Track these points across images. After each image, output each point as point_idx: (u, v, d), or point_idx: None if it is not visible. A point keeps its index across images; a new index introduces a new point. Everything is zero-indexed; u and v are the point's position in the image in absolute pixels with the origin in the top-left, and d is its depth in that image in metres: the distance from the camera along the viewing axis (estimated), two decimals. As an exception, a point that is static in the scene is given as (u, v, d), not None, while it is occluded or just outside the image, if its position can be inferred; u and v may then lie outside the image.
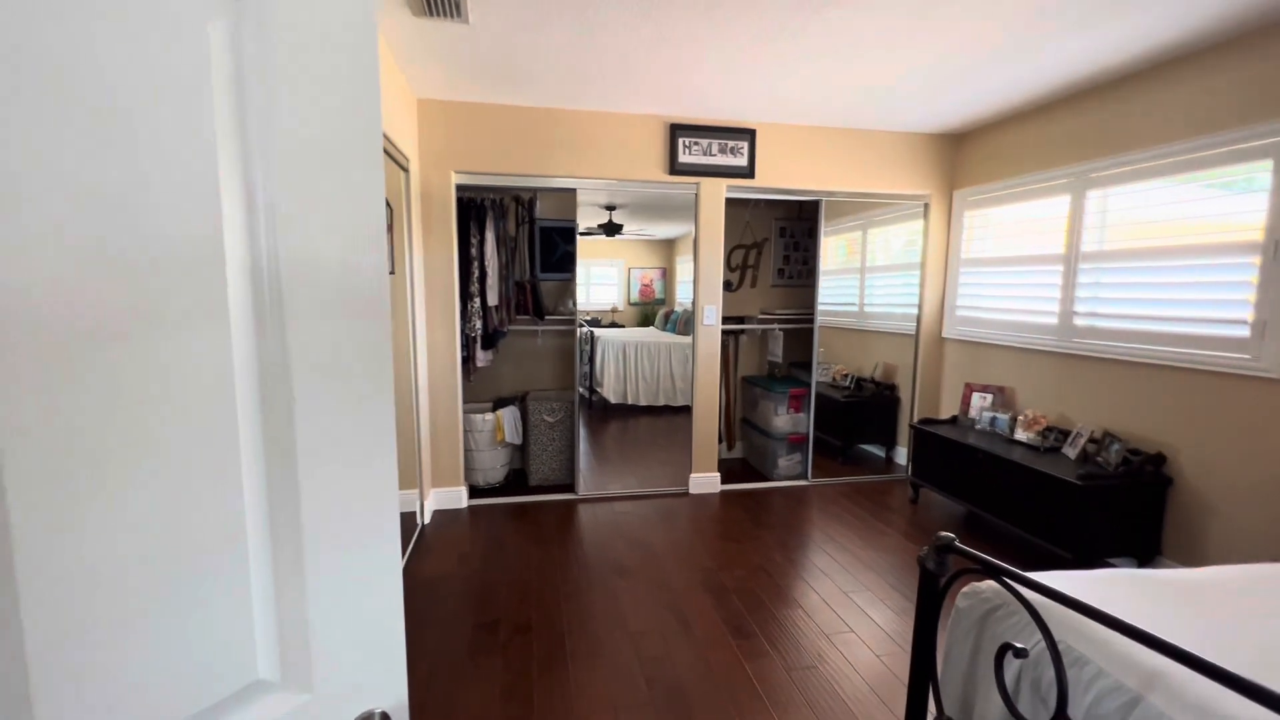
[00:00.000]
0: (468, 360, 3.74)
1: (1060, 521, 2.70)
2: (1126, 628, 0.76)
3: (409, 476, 3.14)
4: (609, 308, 5.67)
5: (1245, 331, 2.40)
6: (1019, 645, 0.90)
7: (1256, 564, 1.33)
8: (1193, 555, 2.60)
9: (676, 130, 3.54)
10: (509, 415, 3.81)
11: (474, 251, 3.63)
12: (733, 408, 4.60)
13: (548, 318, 4.17)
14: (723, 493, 3.91)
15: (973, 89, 3.05)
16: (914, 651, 1.16)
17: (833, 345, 4.71)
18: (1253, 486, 2.38)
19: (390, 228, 2.02)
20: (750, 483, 4.07)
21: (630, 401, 5.08)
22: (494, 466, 3.82)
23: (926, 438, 3.56)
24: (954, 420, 3.71)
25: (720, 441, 4.57)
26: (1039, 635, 0.96)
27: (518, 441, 3.88)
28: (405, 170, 2.99)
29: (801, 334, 4.24)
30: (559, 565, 2.87)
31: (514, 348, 4.20)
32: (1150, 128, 2.76)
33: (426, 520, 3.36)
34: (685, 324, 4.06)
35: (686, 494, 3.87)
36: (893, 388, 4.36)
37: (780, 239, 4.63)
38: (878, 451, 4.60)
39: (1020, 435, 3.24)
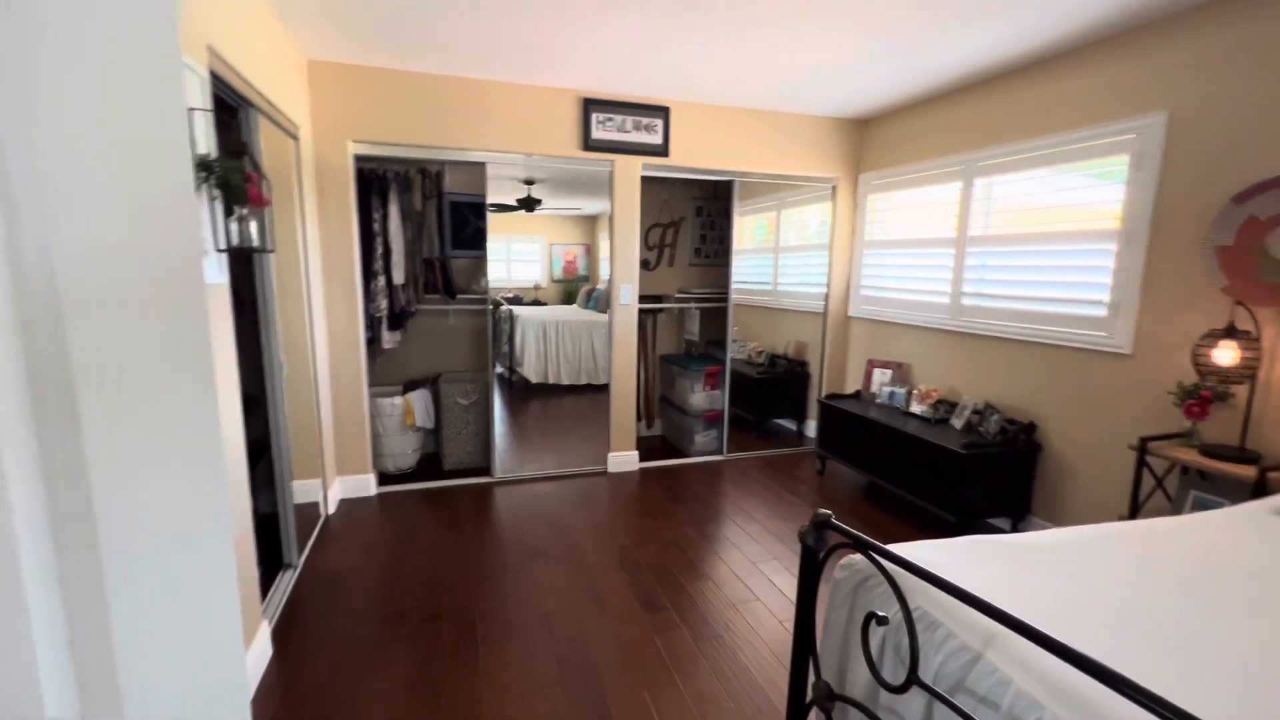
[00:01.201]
0: (373, 342, 3.57)
1: (947, 487, 2.91)
2: (963, 594, 0.83)
3: (310, 465, 2.98)
4: (532, 285, 5.56)
5: (1103, 311, 2.65)
6: (881, 614, 0.97)
7: (1101, 524, 1.48)
8: (1057, 512, 2.88)
9: (590, 105, 3.46)
10: (420, 398, 3.68)
11: (377, 227, 3.44)
12: (651, 386, 4.65)
13: (460, 296, 4.03)
14: (641, 470, 3.96)
15: (877, 77, 3.16)
16: (796, 623, 1.22)
17: (748, 323, 4.84)
18: (1105, 450, 2.66)
19: (262, 200, 1.86)
20: (668, 459, 4.14)
21: (552, 381, 5.03)
22: (405, 452, 3.69)
23: (832, 412, 3.74)
24: (857, 395, 3.91)
25: (639, 420, 4.61)
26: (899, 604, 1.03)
27: (430, 425, 3.76)
28: (294, 138, 2.77)
29: (717, 313, 4.32)
30: (473, 551, 2.82)
31: (424, 328, 4.04)
32: (1030, 120, 2.96)
33: (331, 510, 3.21)
34: (607, 302, 4.04)
35: (605, 473, 3.89)
36: (804, 364, 4.53)
37: (697, 218, 4.67)
38: (790, 425, 4.80)
39: (915, 408, 3.46)
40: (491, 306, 3.69)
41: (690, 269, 4.72)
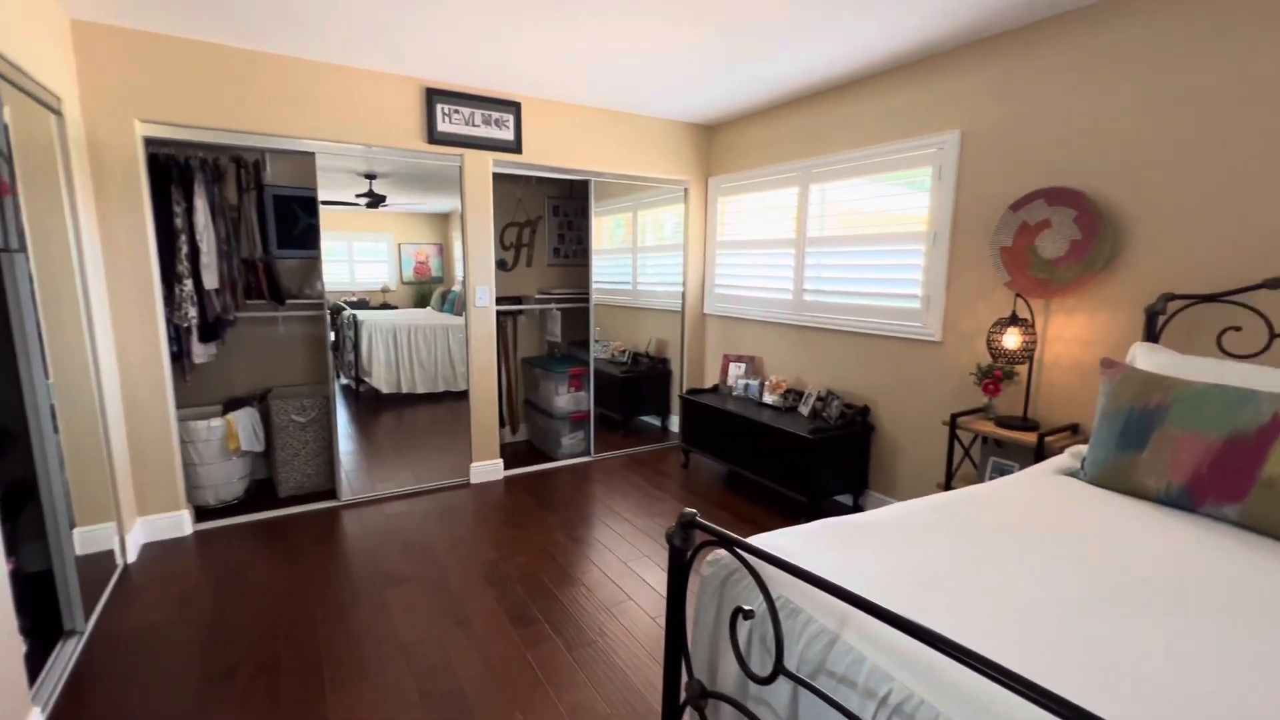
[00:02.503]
0: (181, 357, 3.06)
1: (797, 470, 3.13)
2: (817, 580, 0.87)
3: (99, 508, 2.48)
4: (379, 287, 5.12)
5: (917, 304, 3.00)
6: (746, 607, 0.99)
7: (927, 496, 1.65)
8: (890, 485, 3.22)
9: (434, 96, 3.25)
10: (245, 418, 3.23)
11: (180, 223, 2.95)
12: (514, 390, 4.50)
13: (290, 301, 3.60)
14: (506, 479, 3.82)
15: (722, 86, 3.31)
16: (668, 624, 1.22)
17: (610, 323, 4.86)
18: (924, 426, 3.02)
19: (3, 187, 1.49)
20: (535, 465, 4.03)
21: (405, 390, 4.68)
22: (229, 480, 3.21)
23: (692, 406, 3.87)
24: (716, 389, 4.09)
25: (503, 426, 4.45)
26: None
27: (259, 448, 3.31)
28: (55, 113, 2.28)
29: (579, 313, 4.28)
30: (316, 585, 2.52)
31: (248, 338, 3.56)
32: (854, 133, 3.27)
33: (131, 559, 2.70)
34: (464, 304, 3.83)
35: (468, 484, 3.70)
36: (665, 361, 4.65)
37: (554, 217, 4.59)
38: (655, 421, 4.90)
39: (768, 398, 3.68)
40: (330, 312, 3.34)
41: (549, 269, 4.64)
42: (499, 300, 4.09)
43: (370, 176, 4.01)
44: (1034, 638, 0.96)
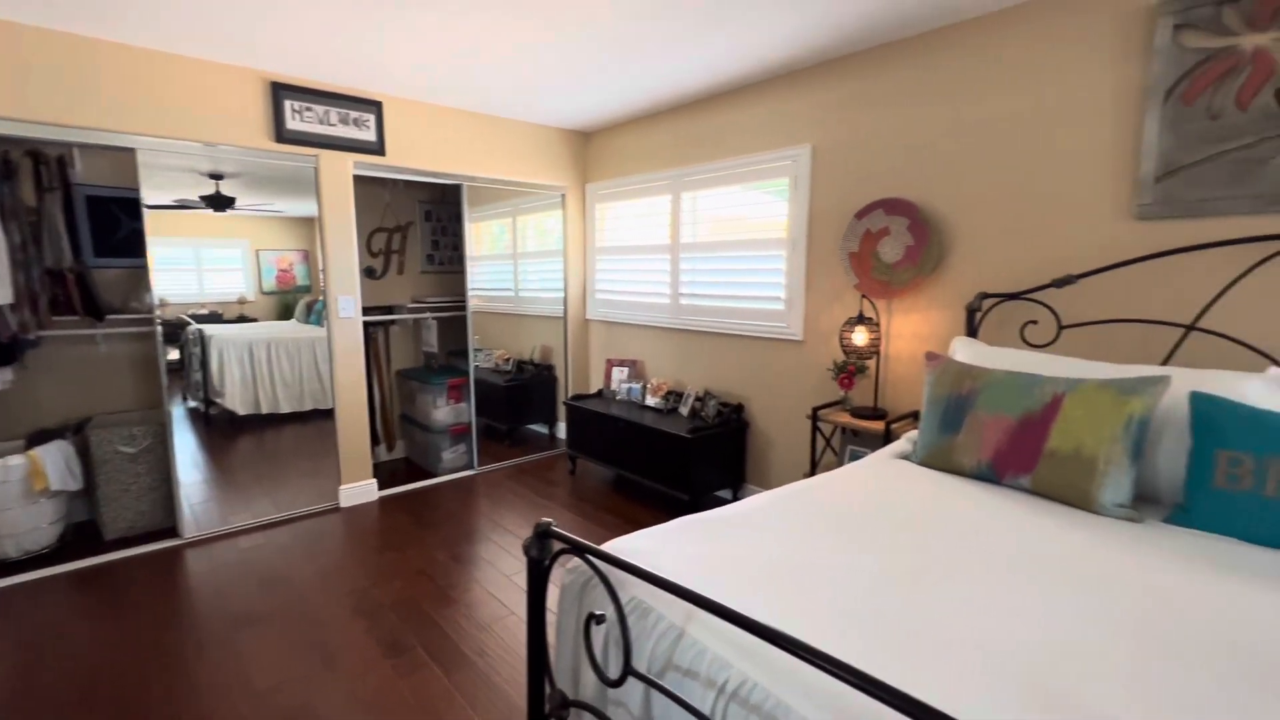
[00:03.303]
0: (-35, 385, 2.60)
1: (678, 469, 3.22)
2: (657, 579, 0.90)
3: None
4: (235, 298, 4.64)
5: (781, 306, 3.20)
6: (598, 613, 0.99)
7: (781, 487, 1.75)
8: (764, 478, 3.39)
9: (281, 91, 3.01)
10: (55, 453, 2.80)
11: (-43, 227, 2.50)
12: (389, 405, 4.26)
13: (112, 317, 3.17)
14: (382, 500, 3.60)
15: (597, 93, 3.34)
16: (529, 635, 1.20)
17: (492, 330, 4.74)
18: (791, 420, 3.22)
19: None
20: (414, 482, 3.84)
21: (266, 410, 4.27)
22: (35, 527, 2.77)
23: (577, 412, 3.86)
24: (600, 394, 4.11)
25: (377, 444, 4.20)
26: (623, 600, 1.08)
27: (75, 486, 2.88)
28: None
29: (457, 322, 4.14)
30: (150, 637, 2.23)
31: (57, 360, 3.09)
32: (721, 143, 3.42)
33: (-101, 631, 2.25)
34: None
35: (338, 509, 3.44)
36: (550, 368, 4.61)
37: (426, 223, 4.41)
38: (542, 429, 4.84)
39: (650, 401, 3.76)
40: (174, 326, 2.97)
41: (424, 277, 4.44)
42: (368, 310, 3.86)
43: (216, 177, 3.63)
44: (857, 610, 1.05)
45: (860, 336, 2.68)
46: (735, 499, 3.48)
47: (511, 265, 4.70)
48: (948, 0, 2.26)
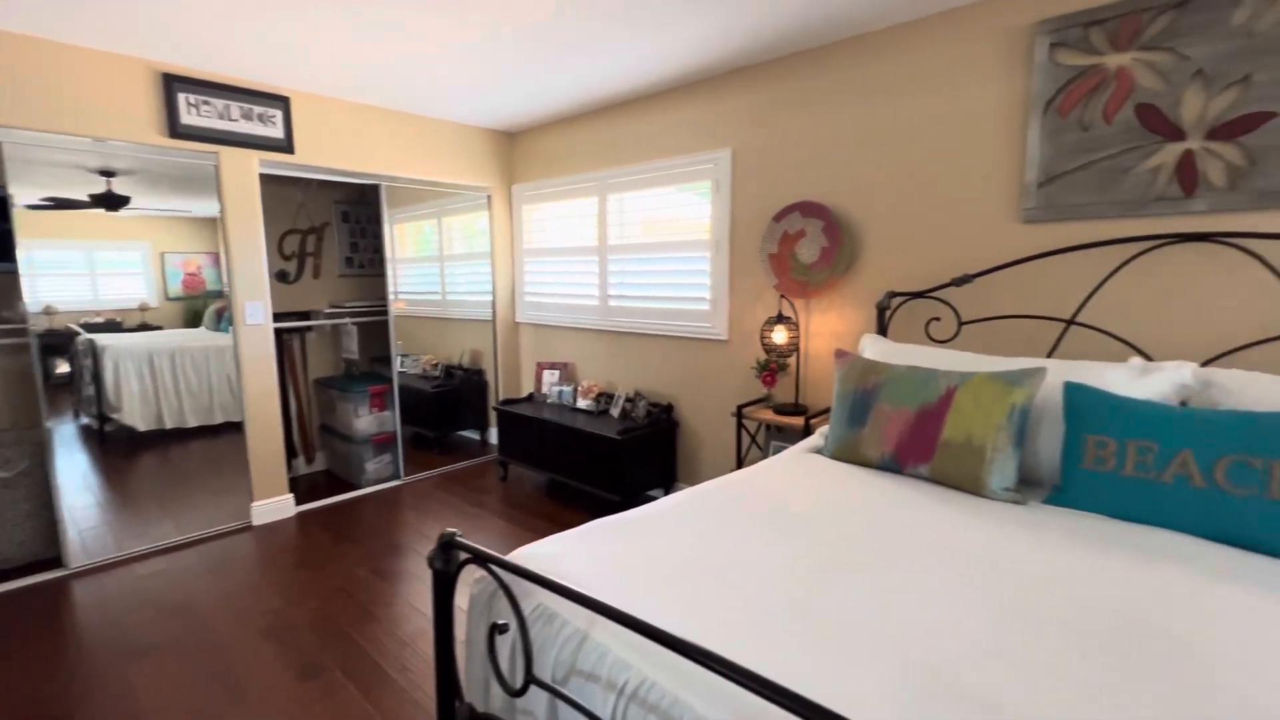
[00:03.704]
0: None
1: (610, 471, 3.22)
2: (556, 586, 0.89)
3: None
4: (136, 305, 4.30)
5: (706, 306, 3.25)
6: (500, 622, 0.98)
7: (698, 485, 1.78)
8: (694, 475, 3.44)
9: (174, 83, 2.81)
10: (-89, 482, 2.51)
11: None
12: (306, 416, 4.06)
13: (-21, 329, 2.88)
14: (299, 515, 3.42)
15: (522, 92, 3.29)
16: (436, 647, 1.17)
17: (419, 335, 4.60)
18: (718, 418, 3.28)
19: None
20: (335, 496, 3.67)
21: (171, 424, 3.98)
22: (-111, 564, 2.47)
23: (507, 417, 3.80)
24: (531, 397, 4.06)
25: (295, 456, 4.00)
26: (528, 608, 1.07)
27: (-62, 517, 2.59)
28: None
29: (379, 327, 3.99)
30: (25, 680, 2.04)
31: (-84, 377, 2.77)
32: (646, 146, 3.45)
33: None
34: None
35: (250, 527, 3.25)
36: (481, 372, 4.51)
37: (344, 224, 4.23)
38: (474, 435, 4.73)
39: (581, 403, 3.74)
40: (40, 336, 2.72)
41: (342, 280, 4.26)
42: (281, 316, 3.66)
43: (108, 174, 3.35)
44: (763, 603, 1.08)
45: (780, 335, 2.77)
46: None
47: (438, 268, 4.58)
48: (851, 14, 2.36)
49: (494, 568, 1.01)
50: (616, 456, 3.17)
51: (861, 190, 2.64)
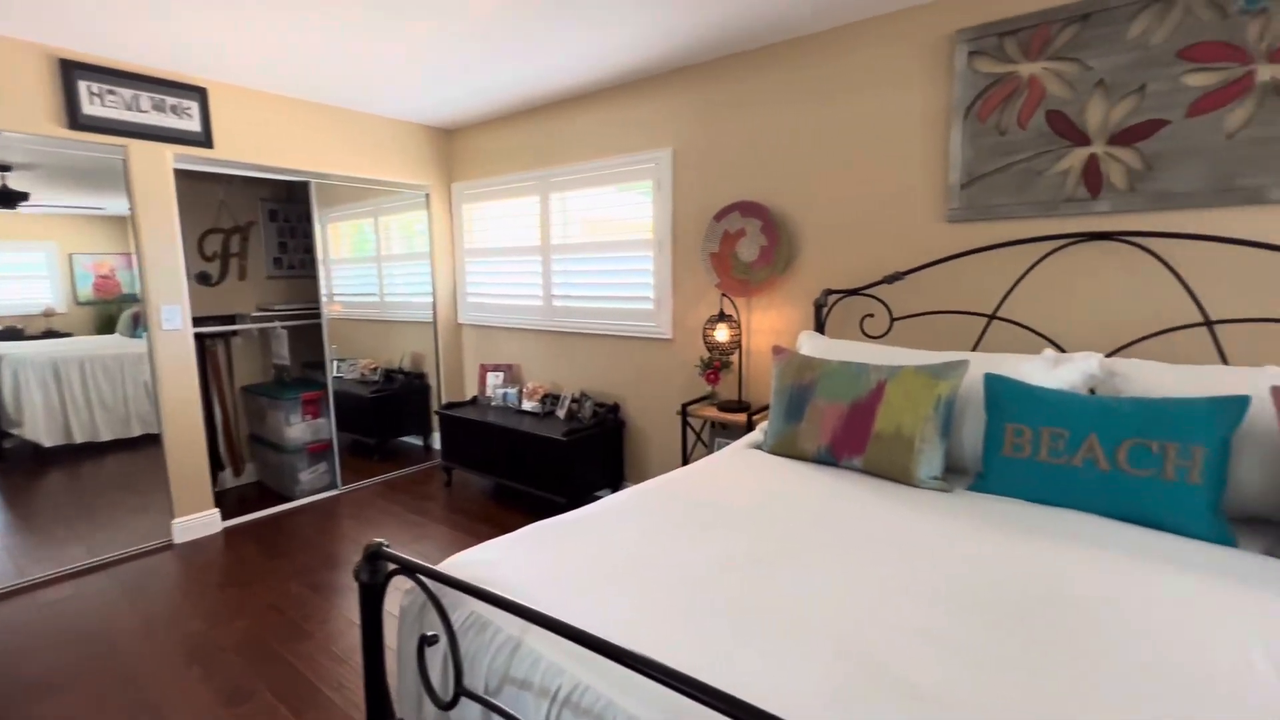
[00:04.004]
0: None
1: (556, 473, 3.19)
2: (485, 594, 0.87)
3: None
4: (40, 310, 3.97)
5: (651, 305, 3.26)
6: (430, 634, 0.95)
7: (640, 484, 1.78)
8: (641, 474, 3.45)
9: (74, 70, 2.61)
10: None
11: None
12: (232, 425, 3.85)
13: None
14: (227, 531, 3.24)
15: (461, 88, 3.21)
16: (365, 662, 1.12)
17: (356, 338, 4.44)
18: (664, 417, 3.29)
19: None
20: (266, 509, 3.49)
21: (81, 439, 3.71)
22: None
23: (451, 421, 3.71)
24: (474, 400, 3.98)
25: (221, 469, 3.78)
26: (460, 617, 1.04)
27: None
28: None
29: (311, 330, 3.82)
30: (-94, 725, 1.85)
31: None
32: (587, 144, 3.42)
33: None
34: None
35: (171, 546, 3.06)
36: (422, 375, 4.39)
37: (271, 223, 4.03)
38: (415, 441, 4.60)
39: (526, 405, 3.69)
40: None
41: (271, 282, 4.06)
42: (203, 320, 3.46)
43: (3, 168, 3.09)
44: (699, 601, 1.09)
45: (722, 334, 2.80)
46: (615, 498, 3.50)
47: (376, 268, 4.43)
48: (786, 17, 2.41)
49: (422, 578, 0.98)
50: (563, 458, 3.14)
51: (799, 190, 2.70)
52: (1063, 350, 2.05)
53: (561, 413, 3.54)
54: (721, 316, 2.81)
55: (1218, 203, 1.85)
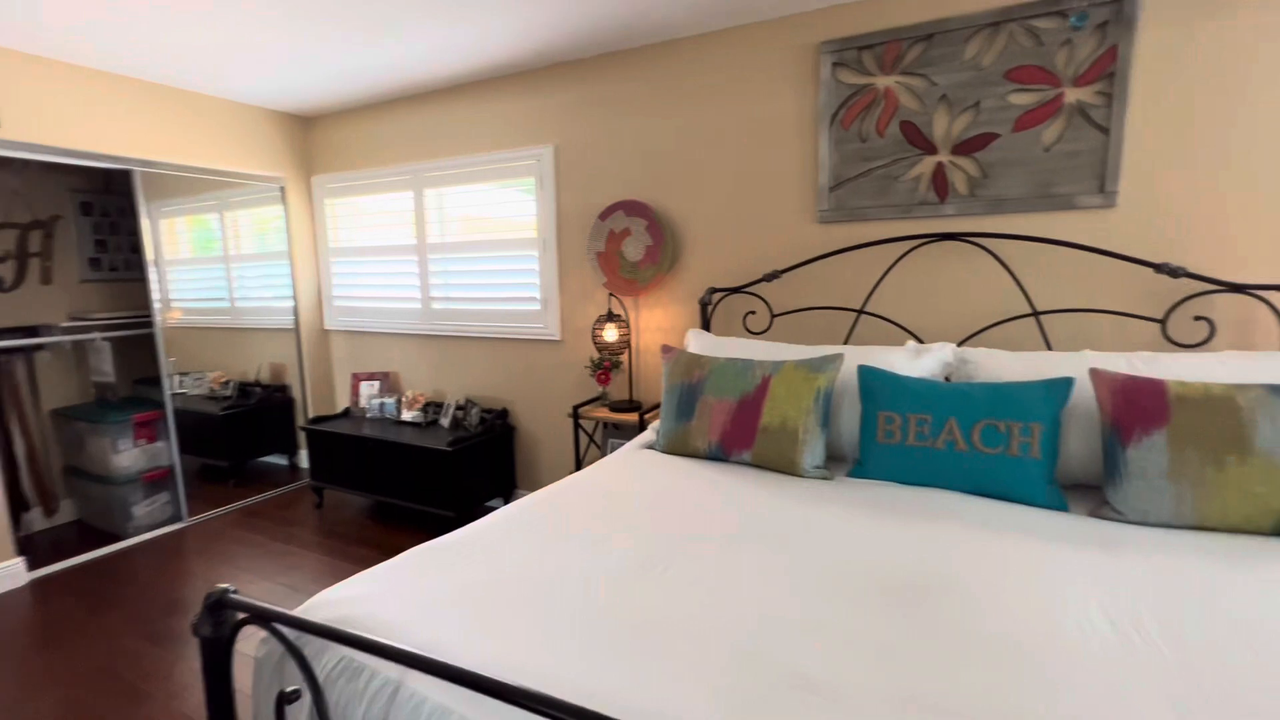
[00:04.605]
0: None
1: (442, 486, 3.00)
2: (355, 640, 0.77)
3: None
4: None
5: (538, 306, 3.17)
6: (290, 689, 0.82)
7: (525, 498, 1.70)
8: (534, 481, 3.34)
9: None
10: None
11: None
12: (40, 457, 3.25)
13: None
14: (36, 582, 2.73)
15: (321, 71, 2.91)
16: (212, 733, 0.96)
17: (202, 349, 3.93)
18: (555, 420, 3.22)
19: None
20: (91, 551, 2.98)
21: None
22: None
23: (320, 437, 3.38)
24: (347, 413, 3.66)
25: (27, 509, 3.18)
26: (328, 663, 0.91)
27: None
28: None
29: (141, 341, 3.31)
30: None
31: None
32: (465, 138, 3.25)
33: None
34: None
35: (-43, 608, 2.51)
36: (284, 388, 3.97)
37: (85, 218, 3.45)
38: (280, 461, 4.16)
39: (406, 415, 3.45)
40: None
41: (87, 287, 3.48)
42: (-7, 334, 2.88)
43: None
44: (593, 616, 1.04)
45: (612, 333, 2.77)
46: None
47: (224, 269, 3.94)
48: (668, 17, 2.42)
49: (279, 626, 0.85)
50: (449, 469, 2.97)
51: (682, 190, 2.74)
52: (922, 341, 2.24)
53: (446, 421, 3.34)
54: (610, 316, 2.79)
55: (1040, 208, 2.10)
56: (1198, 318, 1.91)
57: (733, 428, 1.84)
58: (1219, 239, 1.90)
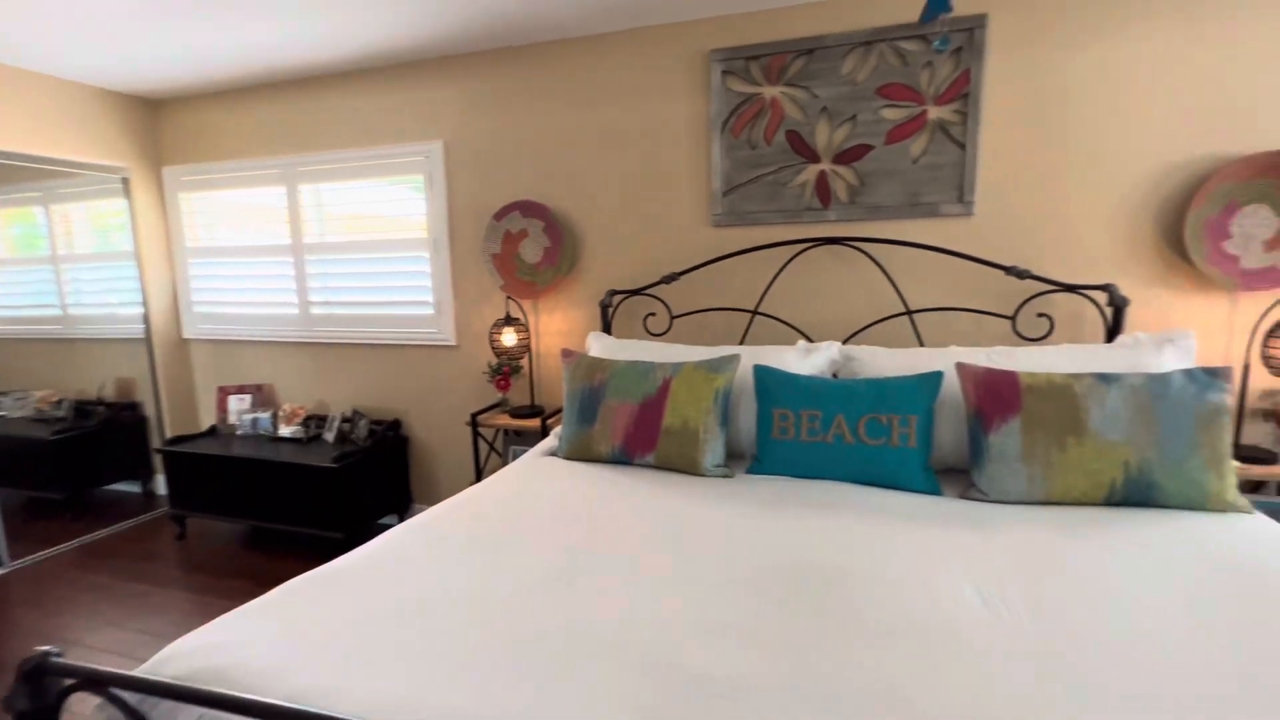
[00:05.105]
0: None
1: (329, 506, 2.78)
2: (210, 698, 0.68)
3: None
4: None
5: (431, 310, 3.01)
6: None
7: (427, 510, 1.60)
8: (432, 494, 3.18)
9: None
10: None
11: None
12: None
13: None
14: None
15: (168, 50, 2.57)
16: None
17: (26, 364, 3.41)
18: (453, 429, 3.08)
19: None
20: (-126, 613, 2.47)
21: None
22: None
23: (181, 459, 3.02)
24: (213, 431, 3.30)
25: None
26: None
27: None
28: None
29: (-58, 359, 2.79)
30: None
31: None
32: (346, 131, 3.02)
33: None
34: None
35: None
36: (134, 406, 3.51)
37: None
38: (132, 488, 3.67)
39: (285, 431, 3.16)
40: None
41: None
42: None
43: None
44: (491, 642, 0.99)
45: (510, 338, 2.69)
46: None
47: (52, 272, 3.42)
48: (557, 15, 2.37)
49: (117, 691, 0.72)
50: (335, 487, 2.75)
51: (580, 191, 2.71)
52: (811, 340, 2.35)
53: (330, 435, 3.10)
54: (509, 320, 2.70)
55: (910, 215, 2.27)
56: (1040, 314, 2.15)
57: (635, 430, 1.84)
58: (1061, 244, 2.16)
